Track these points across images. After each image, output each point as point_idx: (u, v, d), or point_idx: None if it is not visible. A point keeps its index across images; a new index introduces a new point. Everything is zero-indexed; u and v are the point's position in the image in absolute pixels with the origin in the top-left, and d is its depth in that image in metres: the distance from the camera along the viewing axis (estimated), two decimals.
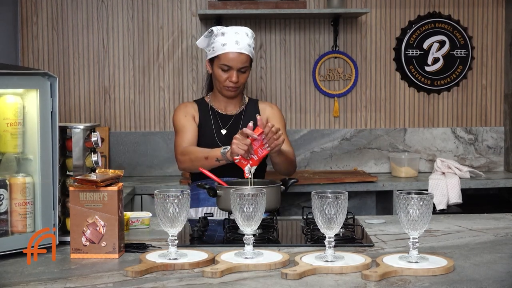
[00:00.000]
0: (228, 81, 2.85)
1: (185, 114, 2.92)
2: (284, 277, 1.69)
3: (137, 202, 3.78)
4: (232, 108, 2.97)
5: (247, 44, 2.83)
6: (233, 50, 2.80)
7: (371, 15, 4.24)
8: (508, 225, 2.35)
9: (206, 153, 2.69)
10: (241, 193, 1.84)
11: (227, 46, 2.81)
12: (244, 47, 2.82)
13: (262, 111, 2.98)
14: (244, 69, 2.85)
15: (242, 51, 2.81)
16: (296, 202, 4.17)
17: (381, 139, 4.29)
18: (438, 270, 1.73)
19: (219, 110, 2.95)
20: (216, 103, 2.97)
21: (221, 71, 2.85)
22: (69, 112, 4.18)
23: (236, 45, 2.80)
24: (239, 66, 2.83)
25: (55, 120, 2.01)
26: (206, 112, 2.94)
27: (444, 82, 4.28)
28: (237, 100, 2.98)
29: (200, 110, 2.95)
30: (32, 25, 4.15)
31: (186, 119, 2.90)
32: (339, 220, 1.80)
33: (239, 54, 2.81)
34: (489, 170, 4.30)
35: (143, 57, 4.20)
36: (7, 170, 2.01)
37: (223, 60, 2.83)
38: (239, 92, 2.93)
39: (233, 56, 2.81)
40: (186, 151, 2.78)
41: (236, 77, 2.83)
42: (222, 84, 2.87)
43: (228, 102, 2.96)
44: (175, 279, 1.71)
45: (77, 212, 1.94)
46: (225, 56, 2.82)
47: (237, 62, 2.82)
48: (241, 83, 2.88)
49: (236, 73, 2.83)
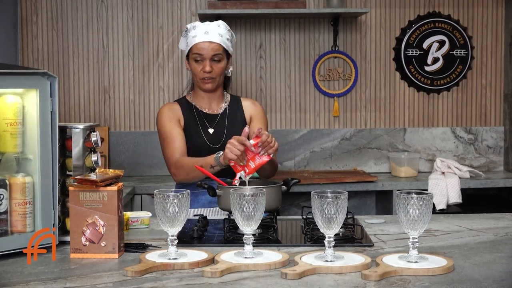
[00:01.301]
0: (202, 72, 2.82)
1: (170, 119, 2.86)
2: (284, 277, 1.69)
3: (137, 202, 3.78)
4: (215, 105, 2.93)
5: (218, 34, 2.82)
6: (203, 40, 2.80)
7: (370, 15, 4.24)
8: (508, 225, 2.35)
9: (200, 162, 2.65)
10: (241, 193, 1.84)
11: (197, 37, 2.82)
12: (214, 36, 2.81)
13: (245, 108, 2.96)
14: (217, 57, 2.82)
15: (212, 40, 2.80)
16: (296, 202, 4.17)
17: (380, 139, 4.29)
18: (438, 270, 1.73)
19: (203, 109, 2.92)
20: (199, 101, 2.93)
21: (195, 63, 2.84)
22: (69, 112, 4.18)
23: (205, 35, 2.81)
24: (211, 54, 2.81)
25: (54, 120, 2.01)
26: (190, 112, 2.90)
27: (444, 82, 4.28)
28: (218, 97, 2.94)
29: (183, 111, 2.90)
30: (32, 25, 4.15)
31: (171, 125, 2.84)
32: (339, 220, 1.80)
33: (209, 43, 2.80)
34: (489, 170, 4.30)
35: (143, 57, 4.20)
36: (7, 170, 2.01)
37: (194, 50, 2.82)
38: (217, 85, 2.88)
39: (203, 45, 2.80)
40: (180, 164, 2.74)
41: (210, 67, 2.81)
42: (198, 76, 2.85)
43: (210, 99, 2.92)
44: (175, 279, 1.71)
45: (77, 212, 1.94)
46: (196, 47, 2.82)
47: (208, 51, 2.80)
48: (216, 74, 2.84)
49: (210, 62, 2.81)
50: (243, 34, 4.22)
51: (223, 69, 2.86)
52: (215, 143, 2.79)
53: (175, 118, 2.86)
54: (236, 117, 2.90)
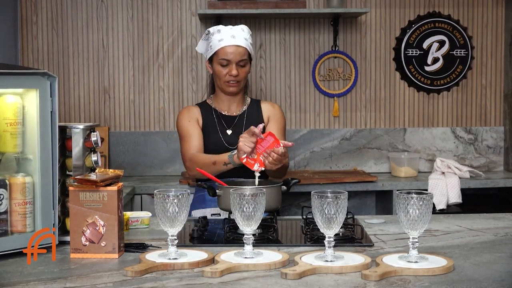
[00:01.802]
0: (228, 76, 2.86)
1: (189, 119, 2.92)
2: (283, 277, 1.69)
3: (137, 202, 3.78)
4: (235, 108, 2.97)
5: (244, 38, 2.85)
6: (230, 44, 2.83)
7: (370, 15, 4.24)
8: (507, 225, 2.35)
9: (214, 158, 2.70)
10: (241, 193, 1.84)
11: (223, 41, 2.83)
12: (241, 40, 2.83)
13: (265, 110, 2.99)
14: (243, 62, 2.86)
15: (239, 44, 2.83)
16: (296, 202, 4.17)
17: (380, 139, 4.29)
18: (438, 270, 1.73)
19: (222, 111, 2.95)
20: (219, 104, 2.98)
21: (220, 67, 2.86)
22: (69, 112, 4.19)
23: (232, 39, 2.83)
24: (238, 59, 2.84)
25: (54, 120, 2.01)
26: (210, 114, 2.94)
27: (444, 82, 4.28)
28: (239, 100, 2.98)
29: (203, 113, 2.95)
30: (32, 25, 4.15)
31: (190, 124, 2.90)
32: (339, 220, 1.80)
33: (237, 47, 2.83)
34: (489, 170, 4.30)
35: (143, 57, 4.20)
36: (7, 170, 2.01)
37: (221, 55, 2.84)
38: (240, 89, 2.94)
39: (231, 49, 2.83)
40: (194, 159, 2.79)
41: (236, 70, 2.85)
42: (223, 79, 2.88)
43: (231, 102, 2.96)
44: (175, 279, 1.71)
45: (77, 212, 1.94)
46: (222, 51, 2.84)
47: (235, 55, 2.83)
48: (241, 77, 2.88)
49: (236, 66, 2.85)
50: None
51: (247, 73, 2.91)
52: (233, 144, 2.82)
53: (194, 119, 2.92)
54: (255, 119, 2.93)
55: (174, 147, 4.20)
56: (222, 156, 2.67)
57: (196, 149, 2.84)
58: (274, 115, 2.99)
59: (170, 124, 4.22)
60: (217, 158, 2.68)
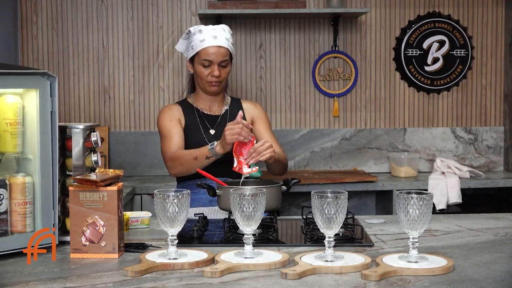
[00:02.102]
0: (210, 76, 2.85)
1: (170, 118, 2.89)
2: (284, 277, 1.69)
3: (137, 202, 3.78)
4: (216, 108, 2.96)
5: (225, 38, 2.84)
6: (212, 44, 2.82)
7: (370, 15, 4.24)
8: (507, 225, 2.35)
9: (195, 153, 2.69)
10: (241, 193, 1.84)
11: (205, 42, 2.83)
12: (222, 41, 2.83)
13: (246, 110, 2.98)
14: (225, 63, 2.86)
15: (221, 45, 2.82)
16: (296, 202, 4.17)
17: (380, 139, 4.29)
18: (438, 270, 1.73)
19: (204, 111, 2.95)
20: (200, 103, 2.96)
21: (202, 67, 2.86)
22: (69, 112, 4.19)
23: (214, 40, 2.82)
24: (220, 60, 2.84)
25: (54, 120, 2.01)
26: (192, 114, 2.93)
27: (443, 82, 4.28)
28: (220, 99, 2.97)
29: (184, 112, 2.93)
30: (32, 25, 4.15)
31: (171, 123, 2.88)
32: (339, 220, 1.80)
33: (218, 48, 2.82)
34: (489, 170, 4.30)
35: (143, 57, 4.20)
36: (7, 170, 2.01)
37: (203, 55, 2.84)
38: (222, 88, 2.93)
39: (213, 50, 2.82)
40: (175, 156, 2.77)
41: (218, 71, 2.84)
42: (205, 80, 2.87)
43: (212, 101, 2.95)
44: (175, 279, 1.71)
45: (77, 212, 1.94)
46: (204, 51, 2.83)
47: (217, 56, 2.83)
48: (223, 78, 2.88)
49: (217, 67, 2.84)
50: (243, 34, 4.22)
51: (228, 73, 2.90)
52: None
53: (176, 118, 2.90)
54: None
55: None
56: (203, 150, 2.67)
57: (176, 147, 2.81)
58: (258, 116, 2.98)
59: None
60: (198, 153, 2.68)
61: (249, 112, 2.97)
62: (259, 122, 2.96)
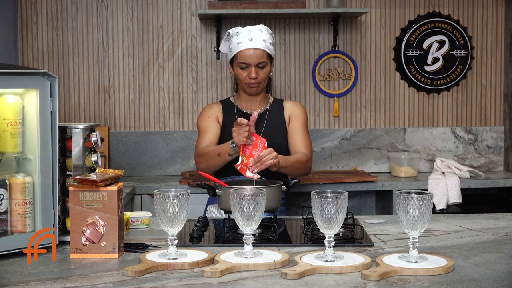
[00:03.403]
0: (248, 78, 2.89)
1: (208, 115, 2.98)
2: (284, 277, 1.69)
3: (137, 202, 3.78)
4: (257, 107, 3.00)
5: (261, 40, 2.85)
6: (247, 47, 2.85)
7: (370, 14, 4.24)
8: (507, 225, 2.35)
9: (218, 150, 2.75)
10: (241, 193, 1.84)
11: (241, 44, 2.86)
12: (258, 42, 2.85)
13: (287, 109, 3.03)
14: (262, 64, 2.88)
15: (257, 47, 2.85)
16: (296, 202, 4.17)
17: (380, 139, 4.29)
18: (438, 270, 1.73)
19: (244, 110, 2.98)
20: (242, 103, 3.01)
21: (240, 70, 2.90)
22: (69, 112, 4.19)
23: (249, 42, 2.85)
24: (256, 62, 2.86)
25: (54, 120, 2.02)
26: (231, 112, 2.98)
27: (443, 82, 4.28)
28: (261, 99, 2.99)
29: (224, 110, 3.00)
30: (32, 24, 4.15)
31: (208, 120, 2.96)
32: (339, 220, 1.80)
33: (254, 50, 2.85)
34: (489, 170, 4.30)
35: (143, 57, 4.20)
36: (7, 170, 2.01)
37: (240, 58, 2.87)
38: (261, 89, 2.96)
39: (249, 52, 2.85)
40: (201, 152, 2.84)
41: (255, 73, 2.88)
42: (243, 82, 2.92)
43: (252, 101, 2.99)
44: (175, 279, 1.71)
45: (77, 212, 1.94)
46: (241, 54, 2.86)
47: (253, 58, 2.85)
48: (261, 79, 2.91)
49: (255, 69, 2.87)
50: None
51: (267, 73, 2.93)
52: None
53: (214, 116, 2.98)
54: (276, 118, 2.96)
55: (174, 147, 4.21)
56: (225, 147, 2.71)
57: (208, 142, 2.88)
58: (295, 114, 3.02)
59: (170, 124, 4.22)
60: (221, 149, 2.74)
61: (288, 110, 3.02)
62: (294, 120, 2.99)
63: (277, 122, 2.96)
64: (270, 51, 2.90)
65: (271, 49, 2.90)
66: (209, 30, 4.19)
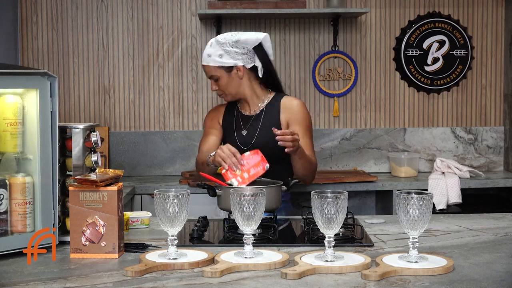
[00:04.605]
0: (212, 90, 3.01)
1: (212, 117, 3.04)
2: (284, 277, 1.69)
3: (137, 202, 3.78)
4: (253, 107, 2.97)
5: (206, 55, 2.90)
6: (202, 62, 2.94)
7: (370, 14, 4.24)
8: (507, 225, 2.35)
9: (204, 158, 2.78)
10: (241, 193, 1.84)
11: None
12: (204, 58, 2.91)
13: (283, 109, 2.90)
14: (214, 77, 2.92)
15: (203, 63, 2.92)
16: (296, 202, 4.17)
17: (380, 139, 4.29)
18: (438, 270, 1.73)
19: (242, 111, 2.99)
20: (240, 103, 3.03)
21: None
22: (69, 112, 4.19)
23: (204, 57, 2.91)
24: (209, 76, 2.95)
25: (54, 120, 2.02)
26: (232, 113, 3.00)
27: (443, 82, 4.28)
28: (253, 100, 2.96)
29: (226, 111, 3.02)
30: (31, 25, 4.15)
31: (211, 123, 3.02)
32: (339, 220, 1.80)
33: (204, 66, 2.94)
34: (489, 170, 4.30)
35: (143, 57, 4.20)
36: (7, 170, 2.01)
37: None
38: (232, 96, 2.94)
39: (204, 68, 2.95)
40: (197, 159, 2.90)
41: (214, 85, 2.94)
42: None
43: (244, 103, 3.00)
44: (175, 279, 1.71)
45: (77, 212, 1.94)
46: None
47: (206, 73, 2.95)
48: (222, 89, 2.93)
49: (212, 81, 2.95)
50: None
51: (227, 83, 2.90)
52: (245, 145, 2.87)
53: (216, 118, 3.03)
54: (270, 119, 2.90)
55: (174, 147, 4.21)
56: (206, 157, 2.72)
57: (207, 147, 2.91)
58: (293, 119, 2.87)
59: (170, 124, 4.22)
60: (204, 159, 2.75)
61: (285, 113, 2.90)
62: (294, 125, 2.86)
63: (272, 122, 2.85)
64: (220, 63, 2.85)
65: (218, 60, 2.84)
66: (209, 30, 4.19)
